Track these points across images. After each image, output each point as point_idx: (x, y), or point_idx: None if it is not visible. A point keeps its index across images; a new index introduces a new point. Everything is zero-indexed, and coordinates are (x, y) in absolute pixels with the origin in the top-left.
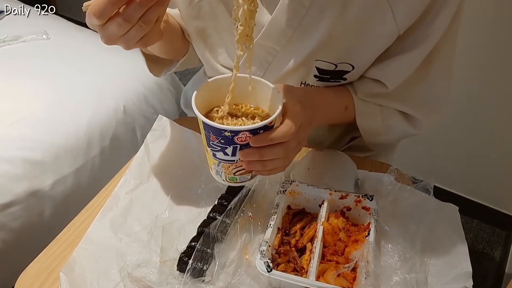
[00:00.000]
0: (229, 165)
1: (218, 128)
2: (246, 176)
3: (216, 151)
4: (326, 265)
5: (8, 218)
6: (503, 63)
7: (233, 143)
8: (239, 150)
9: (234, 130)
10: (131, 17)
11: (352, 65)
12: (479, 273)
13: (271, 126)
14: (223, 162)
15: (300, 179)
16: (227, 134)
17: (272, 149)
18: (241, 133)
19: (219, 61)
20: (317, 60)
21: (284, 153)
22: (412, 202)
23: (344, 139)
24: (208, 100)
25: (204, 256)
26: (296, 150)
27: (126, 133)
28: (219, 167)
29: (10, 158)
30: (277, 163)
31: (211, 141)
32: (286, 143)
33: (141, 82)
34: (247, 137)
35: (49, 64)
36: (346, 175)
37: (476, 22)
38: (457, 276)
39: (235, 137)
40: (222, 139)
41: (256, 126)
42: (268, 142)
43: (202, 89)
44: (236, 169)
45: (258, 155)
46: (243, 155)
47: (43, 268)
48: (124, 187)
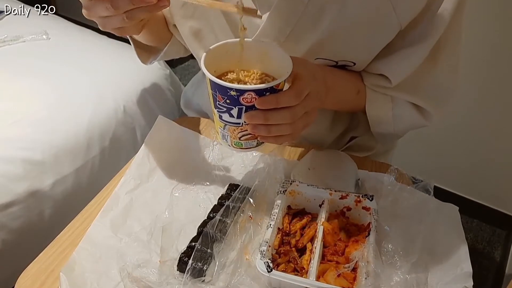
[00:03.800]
0: (235, 128)
1: (224, 86)
2: (252, 142)
3: (222, 113)
4: (326, 265)
5: (8, 218)
6: (504, 63)
7: (238, 103)
8: (244, 112)
9: (239, 89)
10: (118, 7)
11: (354, 62)
12: (479, 273)
13: (278, 89)
14: (229, 124)
15: (300, 179)
16: (233, 93)
17: (278, 113)
18: (247, 93)
19: None
20: (317, 58)
21: (290, 118)
22: (412, 202)
23: (344, 139)
24: (218, 64)
25: (204, 256)
26: (303, 121)
27: (126, 133)
28: (225, 131)
29: (10, 158)
30: (282, 129)
31: (217, 102)
32: (293, 108)
33: (141, 82)
34: (252, 98)
35: (49, 64)
36: (347, 175)
37: (477, 22)
38: (457, 276)
39: (240, 97)
40: (228, 99)
41: (262, 87)
42: (274, 104)
43: (213, 50)
44: (241, 133)
45: (263, 118)
46: (247, 117)
47: (43, 268)
48: (124, 187)
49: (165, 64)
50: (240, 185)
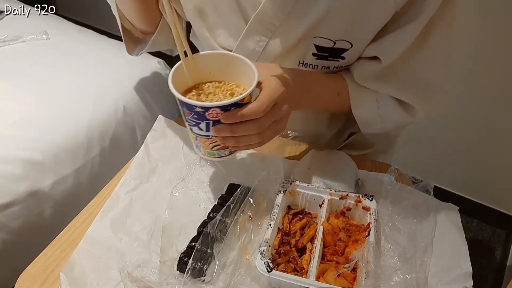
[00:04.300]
0: (206, 139)
1: (189, 103)
2: (224, 152)
3: (192, 126)
4: (326, 265)
5: (8, 218)
6: (504, 63)
7: (205, 118)
8: (212, 125)
9: (204, 106)
10: None
11: (351, 42)
12: (479, 273)
13: (244, 103)
14: (199, 136)
15: (300, 179)
16: (199, 110)
17: (244, 125)
18: (212, 109)
19: (218, 42)
20: (316, 37)
21: (257, 129)
22: (412, 202)
23: (343, 135)
24: (191, 77)
25: (204, 256)
26: (272, 129)
27: (126, 133)
28: (197, 141)
29: (10, 158)
30: (251, 139)
31: (186, 116)
32: (259, 120)
33: (141, 82)
34: (218, 113)
35: (49, 64)
36: (347, 175)
37: (477, 22)
38: (457, 276)
39: (206, 113)
40: (195, 115)
41: (226, 103)
42: (238, 118)
43: (180, 66)
44: (212, 144)
45: (230, 131)
46: (215, 131)
47: (43, 268)
48: (124, 187)
49: (165, 64)
50: (240, 185)
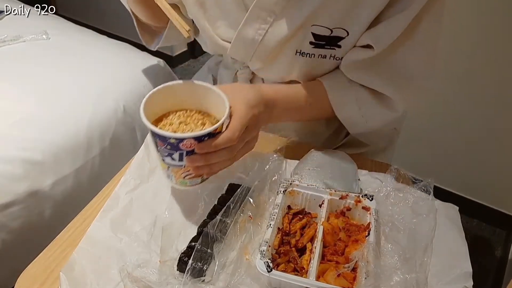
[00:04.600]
0: (178, 169)
1: (163, 135)
2: (196, 180)
3: (164, 156)
4: (326, 265)
5: (8, 218)
6: (503, 62)
7: (178, 149)
8: (185, 155)
9: (178, 138)
10: None
11: (347, 30)
12: (479, 273)
13: (217, 132)
14: (172, 166)
15: (300, 179)
16: (172, 141)
17: (217, 154)
18: (186, 140)
19: (218, 34)
20: (314, 25)
21: (230, 155)
22: (412, 202)
23: (341, 133)
24: (159, 107)
25: (204, 256)
26: (244, 149)
27: (126, 133)
28: (169, 171)
29: (10, 158)
30: (224, 164)
31: (159, 147)
32: (231, 147)
33: (141, 82)
34: (191, 144)
35: (49, 64)
36: (347, 175)
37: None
38: (457, 276)
39: (180, 144)
40: (168, 145)
41: (200, 134)
42: (212, 148)
43: (152, 96)
44: (185, 173)
45: (204, 161)
46: (189, 161)
47: (43, 268)
48: (124, 187)
49: (165, 64)
50: (240, 185)
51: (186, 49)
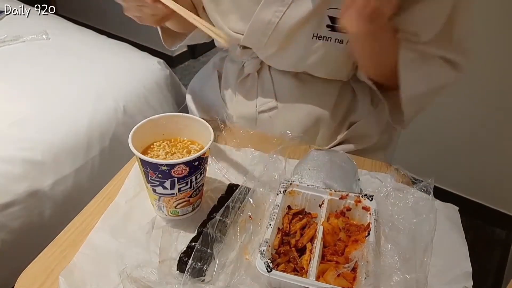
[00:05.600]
0: (170, 198)
1: (154, 163)
2: (187, 209)
3: (155, 186)
4: (326, 265)
5: (8, 218)
6: (504, 62)
7: (170, 176)
8: (177, 183)
9: (170, 164)
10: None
11: None
12: (479, 273)
13: (205, 157)
14: (163, 196)
15: (300, 179)
16: (164, 168)
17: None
18: (177, 166)
19: (230, 26)
20: (330, 8)
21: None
22: (412, 202)
23: (343, 126)
24: (144, 138)
25: (203, 256)
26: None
27: (126, 133)
28: (160, 202)
29: (10, 158)
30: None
31: (149, 177)
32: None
33: (141, 82)
34: (183, 169)
35: (49, 64)
36: (347, 175)
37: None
38: (457, 276)
39: (171, 170)
40: (160, 174)
41: (191, 158)
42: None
43: (138, 128)
44: (176, 202)
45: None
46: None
47: (43, 268)
48: (123, 196)
49: (165, 64)
50: (240, 185)
51: (186, 49)
